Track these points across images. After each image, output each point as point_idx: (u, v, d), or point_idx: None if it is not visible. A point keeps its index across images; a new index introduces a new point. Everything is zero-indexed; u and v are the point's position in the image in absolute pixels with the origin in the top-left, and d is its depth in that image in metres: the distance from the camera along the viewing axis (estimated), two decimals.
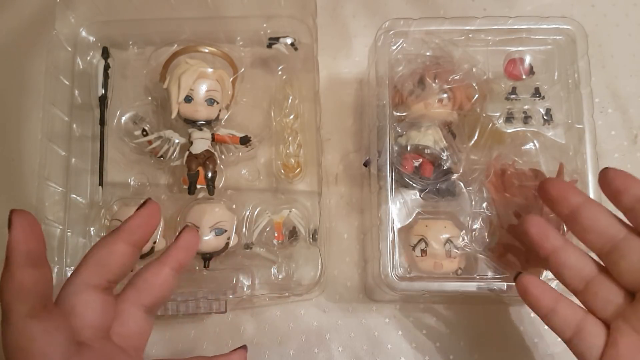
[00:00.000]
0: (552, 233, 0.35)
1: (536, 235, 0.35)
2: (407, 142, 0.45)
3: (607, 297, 0.34)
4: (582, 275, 0.34)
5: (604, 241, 0.34)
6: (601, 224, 0.34)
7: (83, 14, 0.50)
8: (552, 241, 0.35)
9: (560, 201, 0.35)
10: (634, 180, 0.33)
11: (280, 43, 0.50)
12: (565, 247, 0.35)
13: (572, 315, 0.34)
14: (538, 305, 0.35)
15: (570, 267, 0.35)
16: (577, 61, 0.45)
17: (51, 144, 0.46)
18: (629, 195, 0.33)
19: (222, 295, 0.44)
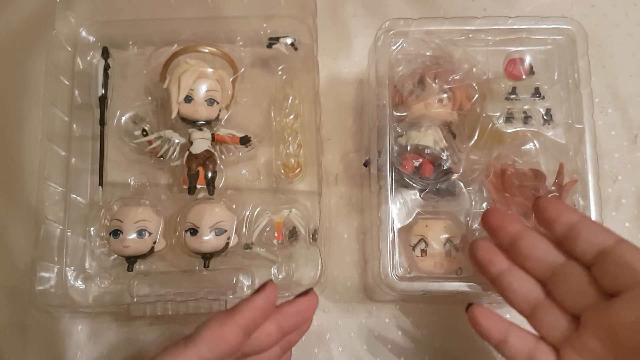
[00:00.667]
0: (497, 258, 0.36)
1: (482, 259, 0.36)
2: (407, 142, 0.45)
3: (553, 323, 0.34)
4: (527, 299, 0.35)
5: (544, 267, 0.34)
6: (539, 252, 0.34)
7: (83, 14, 0.50)
8: (497, 265, 0.36)
9: (498, 231, 0.36)
10: (566, 207, 0.34)
11: (280, 43, 0.50)
12: (510, 271, 0.35)
13: (522, 345, 0.34)
14: (489, 336, 0.35)
15: (514, 292, 0.35)
16: (577, 61, 0.45)
17: (51, 144, 0.47)
18: (560, 224, 0.33)
19: (222, 295, 0.43)
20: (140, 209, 0.46)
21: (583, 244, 0.33)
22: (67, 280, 0.47)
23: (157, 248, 0.46)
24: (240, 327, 0.32)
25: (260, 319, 0.33)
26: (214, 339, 0.31)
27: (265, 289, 0.34)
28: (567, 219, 0.33)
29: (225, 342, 0.31)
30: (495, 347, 0.36)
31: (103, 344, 0.48)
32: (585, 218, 0.34)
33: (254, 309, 0.33)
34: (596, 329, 0.32)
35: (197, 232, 0.45)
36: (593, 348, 0.32)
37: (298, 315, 0.36)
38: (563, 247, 0.34)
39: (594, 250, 0.32)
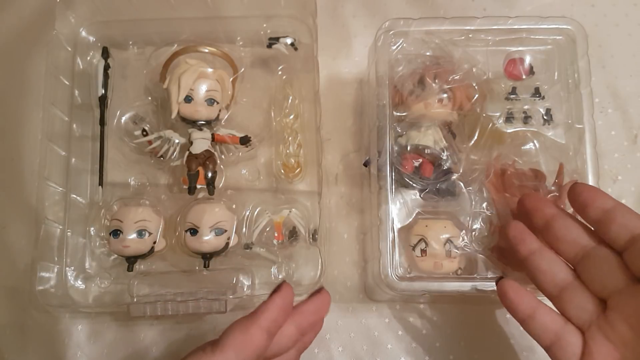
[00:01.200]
0: (529, 238, 0.37)
1: (514, 239, 0.37)
2: (407, 142, 0.45)
3: (580, 304, 0.34)
4: (555, 281, 0.35)
5: (576, 250, 0.35)
6: (572, 234, 0.35)
7: (83, 14, 0.50)
8: (528, 245, 0.36)
9: (534, 212, 0.37)
10: (602, 193, 0.35)
11: (280, 43, 0.50)
12: (541, 252, 0.36)
13: (550, 323, 0.35)
14: (516, 310, 0.36)
15: (544, 272, 0.36)
16: (577, 61, 0.45)
17: (51, 144, 0.46)
18: (595, 208, 0.34)
19: (222, 295, 0.43)
20: (140, 209, 0.46)
21: (616, 229, 0.33)
22: (67, 280, 0.47)
23: (157, 248, 0.46)
24: (264, 329, 0.33)
25: (281, 318, 0.34)
26: (240, 344, 0.32)
27: (282, 289, 0.34)
28: (602, 204, 0.34)
29: (251, 346, 0.32)
30: (521, 323, 0.36)
31: (103, 344, 0.48)
32: (620, 204, 0.34)
33: (274, 309, 0.33)
34: (625, 313, 0.32)
35: (197, 232, 0.45)
36: (621, 331, 0.32)
37: (315, 314, 0.36)
38: (596, 232, 0.35)
39: (626, 235, 0.33)
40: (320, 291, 0.37)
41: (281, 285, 0.35)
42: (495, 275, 0.43)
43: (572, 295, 0.35)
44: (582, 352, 0.33)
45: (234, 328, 0.33)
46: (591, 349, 0.33)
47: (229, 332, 0.32)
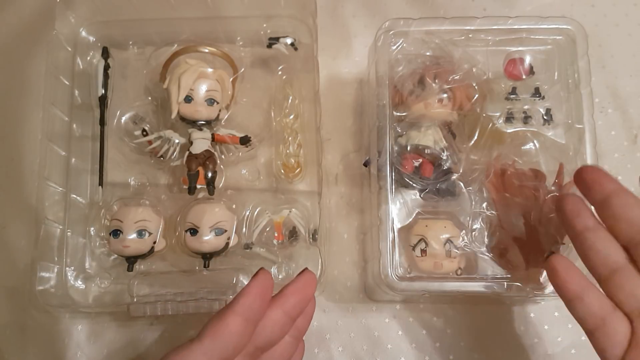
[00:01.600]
0: (585, 213, 0.34)
1: (569, 212, 0.35)
2: (407, 142, 0.45)
3: (632, 291, 0.32)
4: (608, 262, 0.33)
5: (634, 232, 0.32)
6: (633, 214, 0.32)
7: (83, 14, 0.50)
8: (584, 220, 0.34)
9: (593, 185, 0.34)
10: (606, 174, 0.33)
11: (280, 43, 0.50)
12: (595, 230, 0.34)
13: (599, 307, 0.32)
14: (565, 288, 0.34)
15: (597, 251, 0.33)
16: (577, 61, 0.45)
17: (51, 144, 0.46)
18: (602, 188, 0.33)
19: (222, 295, 0.44)
20: (140, 209, 0.46)
21: None
22: (67, 280, 0.47)
23: (157, 248, 0.46)
24: (239, 315, 0.32)
25: (257, 304, 0.33)
26: (215, 332, 0.31)
27: (258, 275, 0.34)
28: (610, 186, 0.32)
29: (228, 333, 0.31)
30: (567, 303, 0.34)
31: (103, 344, 0.48)
32: None
33: (248, 294, 0.32)
34: None
35: (197, 232, 0.45)
36: None
37: (298, 293, 0.35)
38: (598, 213, 0.33)
39: None
40: (303, 272, 0.36)
41: (258, 271, 0.34)
42: (494, 275, 0.43)
43: (624, 279, 0.32)
44: (629, 342, 0.31)
45: (212, 318, 0.32)
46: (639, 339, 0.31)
47: (207, 324, 0.32)
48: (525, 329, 0.48)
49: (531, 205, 0.42)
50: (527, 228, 0.42)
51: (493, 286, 0.42)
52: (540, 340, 0.48)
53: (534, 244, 0.42)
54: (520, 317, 0.48)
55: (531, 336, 0.48)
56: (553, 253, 0.35)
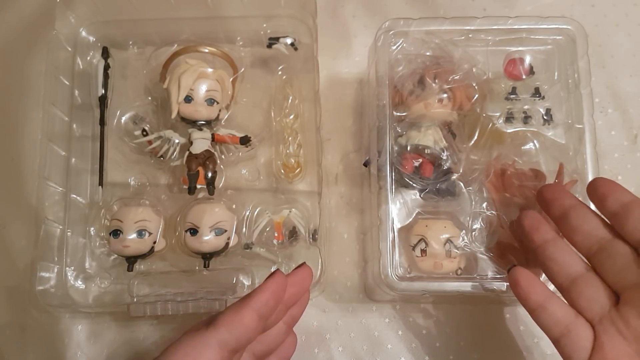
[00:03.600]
0: (544, 227, 0.37)
1: (528, 227, 0.37)
2: (407, 142, 0.45)
3: (592, 297, 0.34)
4: (568, 271, 0.35)
5: (591, 242, 0.34)
6: (588, 225, 0.35)
7: (83, 14, 0.50)
8: (542, 234, 0.36)
9: (552, 203, 0.37)
10: (620, 187, 0.34)
11: (280, 43, 0.50)
12: (554, 242, 0.36)
13: (562, 315, 0.34)
14: (527, 298, 0.35)
15: (556, 262, 0.35)
16: (577, 61, 0.45)
17: (51, 144, 0.46)
18: (614, 200, 0.34)
19: (222, 295, 0.44)
20: (140, 209, 0.46)
21: (633, 223, 0.32)
22: (67, 280, 0.47)
23: (157, 248, 0.46)
24: (255, 311, 0.33)
25: (272, 302, 0.34)
26: (232, 323, 0.33)
27: (275, 275, 0.35)
28: (621, 197, 0.34)
29: (242, 326, 0.33)
30: (531, 312, 0.35)
31: (103, 344, 0.48)
32: (638, 200, 0.33)
33: (266, 291, 0.34)
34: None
35: (197, 232, 0.45)
36: (635, 326, 0.31)
37: (295, 285, 0.37)
38: (613, 225, 0.34)
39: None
40: (301, 266, 0.38)
41: (275, 272, 0.36)
42: (494, 275, 0.43)
43: (585, 287, 0.34)
44: (593, 346, 0.32)
45: (227, 309, 0.34)
46: (602, 343, 0.32)
47: (223, 313, 0.34)
48: (525, 329, 0.48)
49: (531, 205, 0.42)
50: None
51: (493, 286, 0.42)
52: (540, 340, 0.48)
53: None
54: (520, 317, 0.48)
55: (531, 336, 0.48)
56: (515, 266, 0.37)
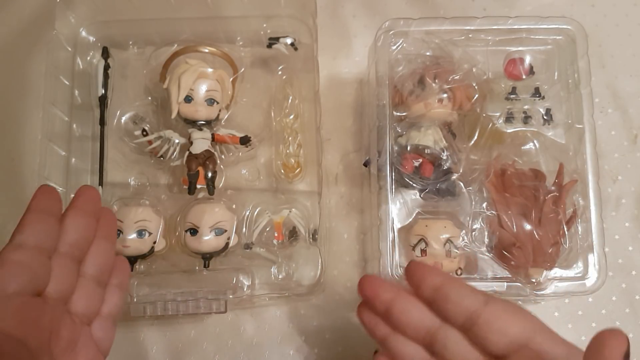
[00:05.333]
0: (379, 323, 0.35)
1: (367, 324, 0.35)
2: (407, 142, 0.45)
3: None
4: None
5: (422, 333, 0.33)
6: (414, 318, 0.33)
7: (83, 14, 0.50)
8: (381, 330, 0.35)
9: (373, 301, 0.34)
10: (430, 270, 0.33)
11: (280, 43, 0.50)
12: (393, 335, 0.34)
13: None
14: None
15: (401, 355, 0.34)
16: (577, 61, 0.45)
17: (51, 144, 0.46)
18: (426, 287, 0.32)
19: (222, 295, 0.44)
20: (140, 209, 0.46)
21: (452, 308, 0.32)
22: None
23: (157, 248, 0.46)
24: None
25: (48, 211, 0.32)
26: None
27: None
28: (432, 282, 0.32)
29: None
30: None
31: None
32: (450, 280, 0.32)
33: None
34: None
35: (197, 232, 0.45)
36: None
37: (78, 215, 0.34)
38: (435, 312, 0.33)
39: (463, 315, 0.31)
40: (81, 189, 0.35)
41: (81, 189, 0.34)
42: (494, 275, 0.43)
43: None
44: None
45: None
46: None
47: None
48: None
49: (531, 205, 0.42)
50: (527, 228, 0.42)
51: (493, 286, 0.42)
52: None
53: (534, 244, 0.42)
54: None
55: None
56: (377, 352, 0.36)
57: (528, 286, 0.42)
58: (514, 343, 0.30)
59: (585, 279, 0.43)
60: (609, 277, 0.43)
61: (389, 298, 0.34)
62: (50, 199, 0.32)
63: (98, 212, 0.35)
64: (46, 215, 0.32)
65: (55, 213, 0.32)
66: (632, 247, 0.50)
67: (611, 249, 0.49)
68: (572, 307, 0.49)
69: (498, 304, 0.31)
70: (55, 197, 0.33)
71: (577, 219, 0.43)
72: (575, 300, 0.49)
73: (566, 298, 0.49)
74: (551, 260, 0.42)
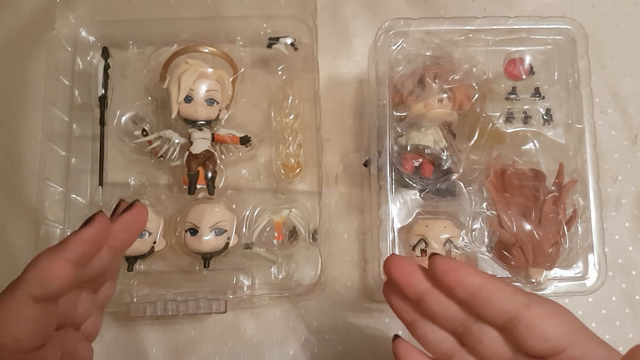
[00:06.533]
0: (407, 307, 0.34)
1: (395, 308, 0.35)
2: (407, 142, 0.45)
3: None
4: (442, 350, 0.33)
5: (455, 325, 0.32)
6: (449, 311, 0.32)
7: (83, 14, 0.50)
8: (409, 315, 0.34)
9: (406, 288, 0.33)
10: (468, 271, 0.31)
11: (280, 43, 0.50)
12: (423, 321, 0.33)
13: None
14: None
15: (429, 342, 0.33)
16: (577, 61, 0.45)
17: (51, 144, 0.46)
18: (463, 290, 0.31)
19: (222, 295, 0.44)
20: None
21: (491, 313, 0.30)
22: None
23: (157, 248, 0.46)
24: (70, 262, 0.29)
25: (91, 251, 0.31)
26: (42, 276, 0.29)
27: (95, 220, 0.30)
28: (470, 285, 0.31)
29: (56, 278, 0.29)
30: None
31: (103, 344, 0.48)
32: (489, 280, 0.31)
33: (82, 243, 0.30)
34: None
35: (197, 232, 0.45)
36: None
37: (127, 232, 0.33)
38: (471, 312, 0.32)
39: (503, 318, 0.30)
40: (132, 205, 0.33)
41: (95, 215, 0.31)
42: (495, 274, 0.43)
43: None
44: None
45: (40, 259, 0.29)
46: None
47: (33, 263, 0.29)
48: None
49: (531, 205, 0.42)
50: (527, 228, 0.42)
51: None
52: None
53: (534, 244, 0.42)
54: None
55: None
56: (396, 336, 0.35)
57: (528, 286, 0.42)
58: (555, 348, 0.30)
59: (585, 279, 0.43)
60: (608, 277, 0.43)
61: (424, 288, 0.32)
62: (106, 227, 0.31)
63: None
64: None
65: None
66: (632, 247, 0.51)
67: (611, 249, 0.50)
68: (572, 307, 0.48)
69: (540, 308, 0.30)
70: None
71: (577, 219, 0.43)
72: (575, 300, 0.49)
73: (566, 298, 0.49)
74: (551, 260, 0.42)
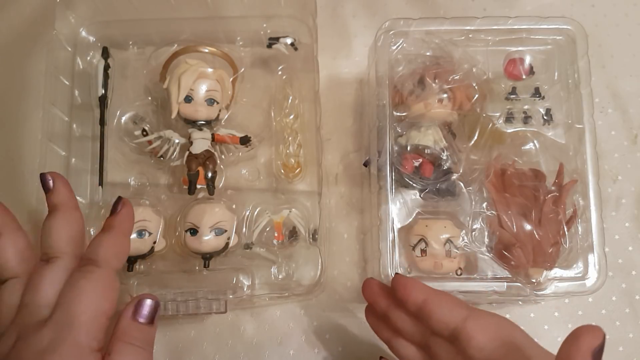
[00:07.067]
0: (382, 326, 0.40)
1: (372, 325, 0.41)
2: (407, 142, 0.45)
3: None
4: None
5: (418, 338, 0.37)
6: (407, 326, 0.37)
7: (83, 14, 0.50)
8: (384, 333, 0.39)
9: (374, 305, 0.39)
10: (413, 286, 0.36)
11: (280, 43, 0.50)
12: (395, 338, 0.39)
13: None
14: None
15: (401, 357, 0.39)
16: (577, 61, 0.45)
17: (51, 144, 0.46)
18: (411, 304, 0.36)
19: (222, 295, 0.43)
20: (140, 209, 0.46)
21: (435, 324, 0.34)
22: None
23: (157, 248, 0.46)
24: (126, 235, 0.37)
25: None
26: (114, 255, 0.35)
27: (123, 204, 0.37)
28: (415, 299, 0.35)
29: (124, 255, 0.36)
30: None
31: None
32: (433, 294, 0.35)
33: (125, 215, 0.37)
34: None
35: (197, 232, 0.45)
36: None
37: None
38: (423, 325, 0.36)
39: (446, 329, 0.34)
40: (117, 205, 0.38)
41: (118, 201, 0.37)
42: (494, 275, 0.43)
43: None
44: None
45: (106, 241, 0.35)
46: None
47: (104, 247, 0.34)
48: (525, 329, 0.48)
49: (531, 205, 0.42)
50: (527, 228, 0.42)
51: (493, 286, 0.42)
52: (540, 340, 0.47)
53: (534, 244, 0.42)
54: (520, 317, 0.48)
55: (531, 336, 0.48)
56: (382, 358, 0.41)
57: (528, 286, 0.42)
58: (492, 357, 0.33)
59: (585, 279, 0.43)
60: (609, 277, 0.43)
61: (385, 305, 0.37)
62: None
63: None
64: None
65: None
66: (632, 247, 0.51)
67: (611, 249, 0.50)
68: (572, 307, 0.49)
69: (476, 321, 0.34)
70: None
71: (577, 219, 0.43)
72: (575, 300, 0.49)
73: (566, 298, 0.49)
74: (551, 260, 0.42)
